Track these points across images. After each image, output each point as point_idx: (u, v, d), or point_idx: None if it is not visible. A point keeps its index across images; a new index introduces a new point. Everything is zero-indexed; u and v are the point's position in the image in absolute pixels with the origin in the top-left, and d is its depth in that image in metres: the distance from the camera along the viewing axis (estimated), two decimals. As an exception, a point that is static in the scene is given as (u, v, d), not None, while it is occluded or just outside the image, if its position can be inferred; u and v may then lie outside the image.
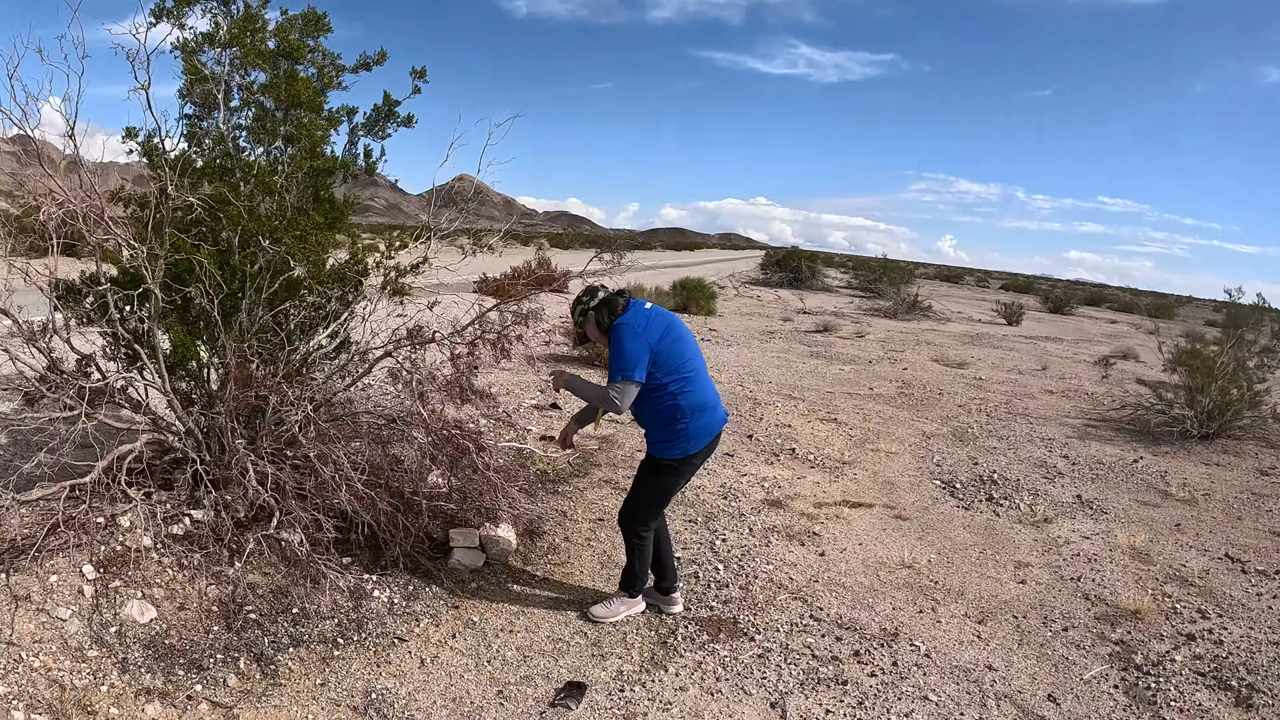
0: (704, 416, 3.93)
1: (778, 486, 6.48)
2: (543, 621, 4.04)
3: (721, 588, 4.60)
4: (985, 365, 14.51)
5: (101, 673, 3.25)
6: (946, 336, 18.90)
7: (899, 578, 5.00)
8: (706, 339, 14.50)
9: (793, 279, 32.49)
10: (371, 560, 4.25)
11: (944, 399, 10.85)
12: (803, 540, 5.45)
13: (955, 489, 6.93)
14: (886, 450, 7.95)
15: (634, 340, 3.75)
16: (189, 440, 4.13)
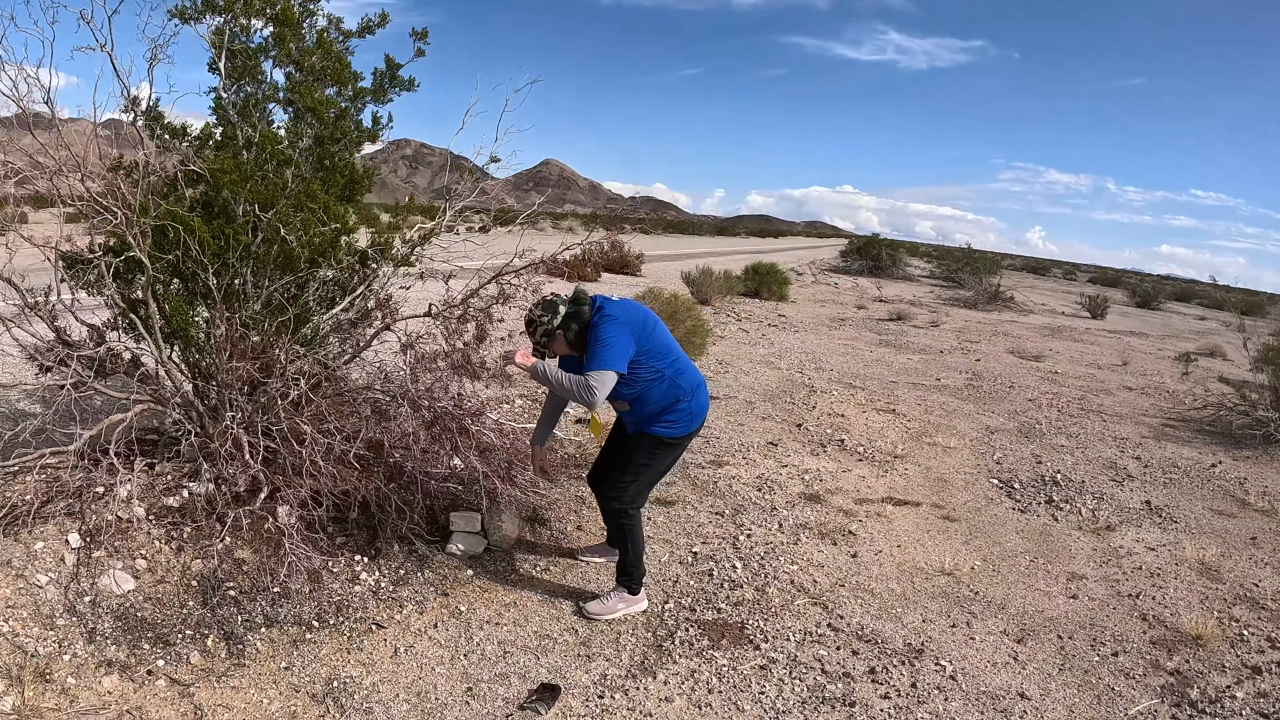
0: (701, 394, 3.83)
1: (819, 480, 6.06)
2: (533, 615, 3.77)
3: (735, 588, 4.24)
4: (1063, 359, 13.66)
5: (67, 641, 3.11)
6: (1026, 328, 17.94)
7: (935, 586, 4.56)
8: (773, 325, 14.00)
9: (873, 267, 31.47)
10: (367, 541, 4.04)
11: (1014, 392, 10.19)
12: (835, 539, 5.04)
13: (1013, 489, 6.39)
14: (944, 445, 7.42)
15: (619, 331, 3.48)
16: (188, 411, 3.98)
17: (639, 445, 3.74)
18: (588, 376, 3.41)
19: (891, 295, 22.65)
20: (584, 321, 3.53)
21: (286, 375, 3.74)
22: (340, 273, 4.45)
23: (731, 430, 7.09)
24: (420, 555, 4.01)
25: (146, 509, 3.83)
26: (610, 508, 3.81)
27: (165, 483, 4.02)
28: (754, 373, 9.66)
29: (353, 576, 3.79)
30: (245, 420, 3.82)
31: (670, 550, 4.60)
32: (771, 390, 8.82)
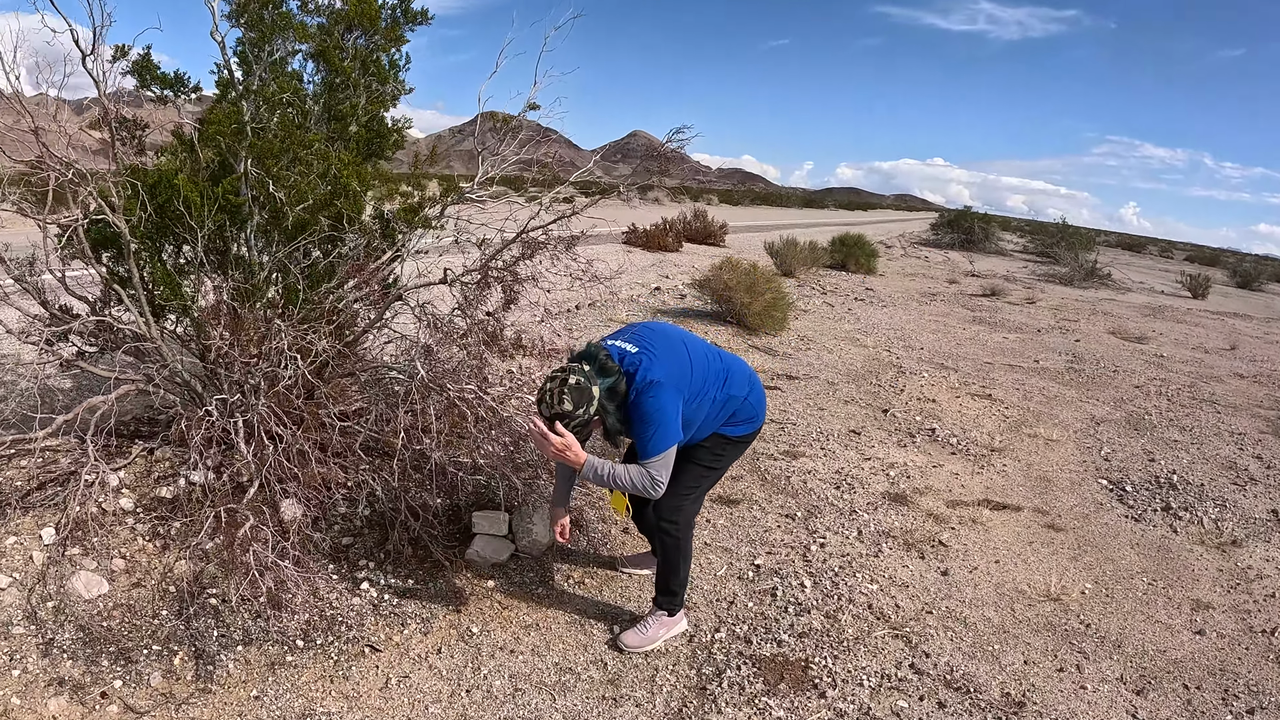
0: (756, 387, 3.14)
1: (906, 476, 5.23)
2: (556, 641, 3.12)
3: (802, 613, 3.50)
4: (1167, 341, 12.25)
5: (19, 655, 2.63)
6: (1125, 307, 16.36)
7: (1040, 615, 3.75)
8: (860, 299, 12.99)
9: (964, 240, 29.68)
10: (376, 543, 3.46)
11: (1119, 378, 9.03)
12: (923, 551, 4.23)
13: (1125, 492, 5.44)
14: (1046, 437, 6.45)
15: (666, 398, 2.75)
16: (184, 392, 3.46)
17: (701, 447, 3.05)
18: (648, 467, 2.74)
19: (984, 270, 21.14)
20: (621, 397, 2.78)
21: (284, 353, 3.15)
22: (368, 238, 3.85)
23: (810, 415, 6.29)
24: (435, 561, 3.41)
25: (136, 500, 3.33)
26: (658, 519, 3.10)
27: (163, 470, 3.52)
28: (838, 350, 8.78)
29: (353, 586, 3.22)
30: (242, 403, 3.26)
31: (729, 562, 3.89)
32: (856, 370, 7.95)
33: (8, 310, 3.31)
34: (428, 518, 3.36)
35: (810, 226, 29.52)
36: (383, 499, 3.39)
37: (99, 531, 3.12)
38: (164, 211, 3.35)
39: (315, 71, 3.61)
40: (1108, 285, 21.17)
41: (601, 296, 9.32)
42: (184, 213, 3.25)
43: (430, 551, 3.41)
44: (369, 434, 3.54)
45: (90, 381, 4.38)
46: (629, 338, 2.89)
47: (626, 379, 2.75)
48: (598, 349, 2.79)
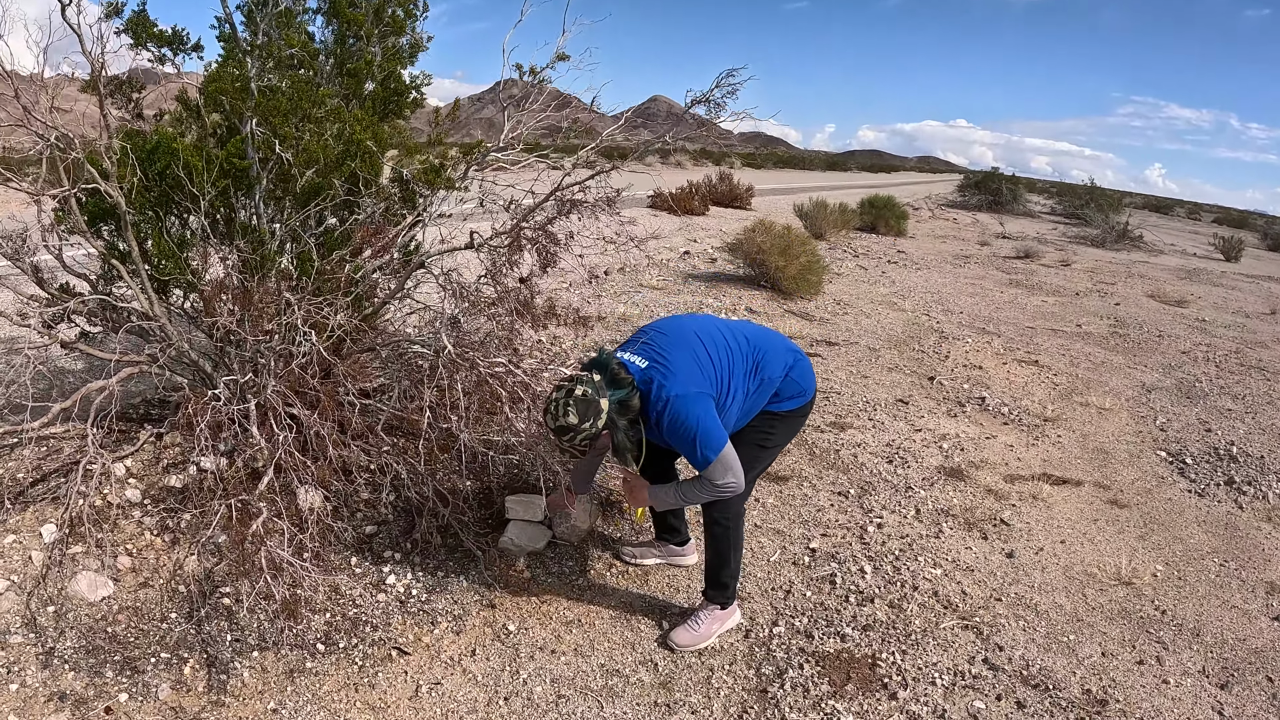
0: (800, 361, 2.82)
1: (960, 449, 4.86)
2: (601, 640, 2.81)
3: (864, 602, 3.17)
4: (1207, 305, 11.73)
5: (18, 666, 2.36)
6: (1160, 270, 15.75)
7: (1113, 601, 3.42)
8: (893, 261, 12.50)
9: (992, 202, 28.85)
10: (403, 532, 3.16)
11: (1164, 343, 8.60)
12: (985, 531, 3.88)
13: (1185, 465, 5.08)
14: (1098, 405, 6.06)
15: (697, 407, 2.48)
16: (191, 371, 3.16)
17: (749, 428, 2.72)
18: (709, 476, 2.51)
19: (1014, 232, 20.47)
20: (634, 413, 2.53)
21: (297, 328, 2.83)
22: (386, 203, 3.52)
23: (854, 383, 5.91)
24: (466, 551, 3.10)
25: (144, 490, 3.05)
26: (712, 516, 2.77)
27: (172, 456, 3.23)
28: (876, 315, 8.36)
29: (378, 580, 2.92)
30: (254, 384, 2.96)
31: (782, 545, 3.55)
32: (897, 336, 7.54)
33: (4, 292, 3.03)
34: (457, 503, 3.06)
35: (835, 189, 28.81)
36: (408, 484, 3.09)
37: (103, 527, 2.84)
38: (163, 179, 3.04)
39: (325, 25, 3.25)
40: (1139, 247, 20.47)
41: (632, 261, 8.96)
42: (185, 179, 2.94)
43: (460, 540, 3.11)
44: (392, 413, 3.24)
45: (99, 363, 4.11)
46: (639, 349, 2.61)
47: (641, 396, 2.52)
48: (610, 358, 2.53)
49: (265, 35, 3.10)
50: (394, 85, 3.68)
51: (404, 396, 3.17)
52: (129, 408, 3.63)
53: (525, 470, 3.44)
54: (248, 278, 3.07)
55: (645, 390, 2.51)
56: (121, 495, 2.98)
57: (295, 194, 3.15)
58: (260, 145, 2.93)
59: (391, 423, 3.33)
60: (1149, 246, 21.00)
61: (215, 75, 2.97)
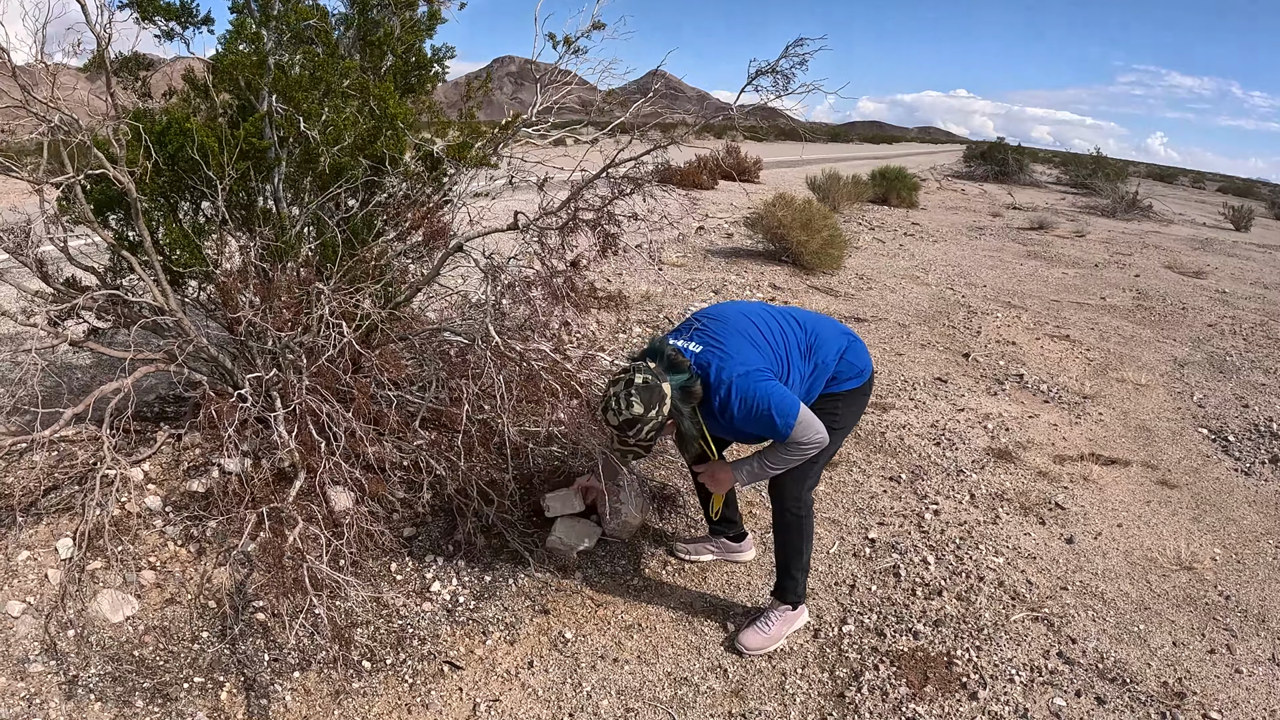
0: (855, 344, 2.61)
1: (1004, 429, 4.66)
2: (665, 645, 2.61)
3: (932, 596, 2.98)
4: (1225, 276, 11.53)
5: (39, 698, 2.16)
6: (1173, 240, 15.53)
7: (1175, 587, 3.27)
8: (909, 234, 12.25)
9: (998, 172, 28.50)
10: (444, 533, 2.96)
11: (1189, 315, 8.40)
12: (1042, 516, 3.70)
13: (1228, 443, 4.91)
14: (1134, 381, 5.86)
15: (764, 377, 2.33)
16: (210, 367, 2.95)
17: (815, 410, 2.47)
18: (796, 436, 2.32)
19: (1023, 202, 20.20)
20: (697, 399, 2.36)
21: (325, 320, 2.62)
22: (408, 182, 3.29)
23: (889, 361, 5.70)
24: (513, 553, 2.90)
25: (164, 497, 2.85)
26: (786, 507, 2.58)
27: (193, 459, 3.03)
28: (900, 289, 8.13)
29: (421, 588, 2.71)
30: (279, 380, 2.75)
31: (839, 535, 3.36)
32: (925, 311, 7.32)
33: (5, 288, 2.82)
34: (502, 502, 2.86)
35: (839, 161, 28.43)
36: (447, 481, 2.88)
37: (123, 539, 2.64)
38: (176, 162, 2.81)
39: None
40: (1149, 217, 20.19)
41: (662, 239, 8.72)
42: (199, 162, 2.71)
43: (506, 540, 2.91)
44: (429, 406, 3.04)
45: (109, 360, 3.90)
46: (692, 336, 2.44)
47: (701, 383, 2.35)
48: (663, 344, 2.36)
49: (281, 4, 2.86)
50: (415, 59, 3.45)
51: (441, 388, 2.97)
52: (143, 406, 3.42)
53: (567, 462, 3.24)
54: (270, 266, 2.86)
55: (704, 375, 2.33)
56: (141, 503, 2.78)
57: (320, 175, 2.92)
58: (281, 123, 2.71)
59: (427, 416, 3.13)
60: (1159, 216, 20.73)
61: (230, 49, 2.74)
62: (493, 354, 2.64)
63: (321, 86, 2.70)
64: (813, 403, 2.50)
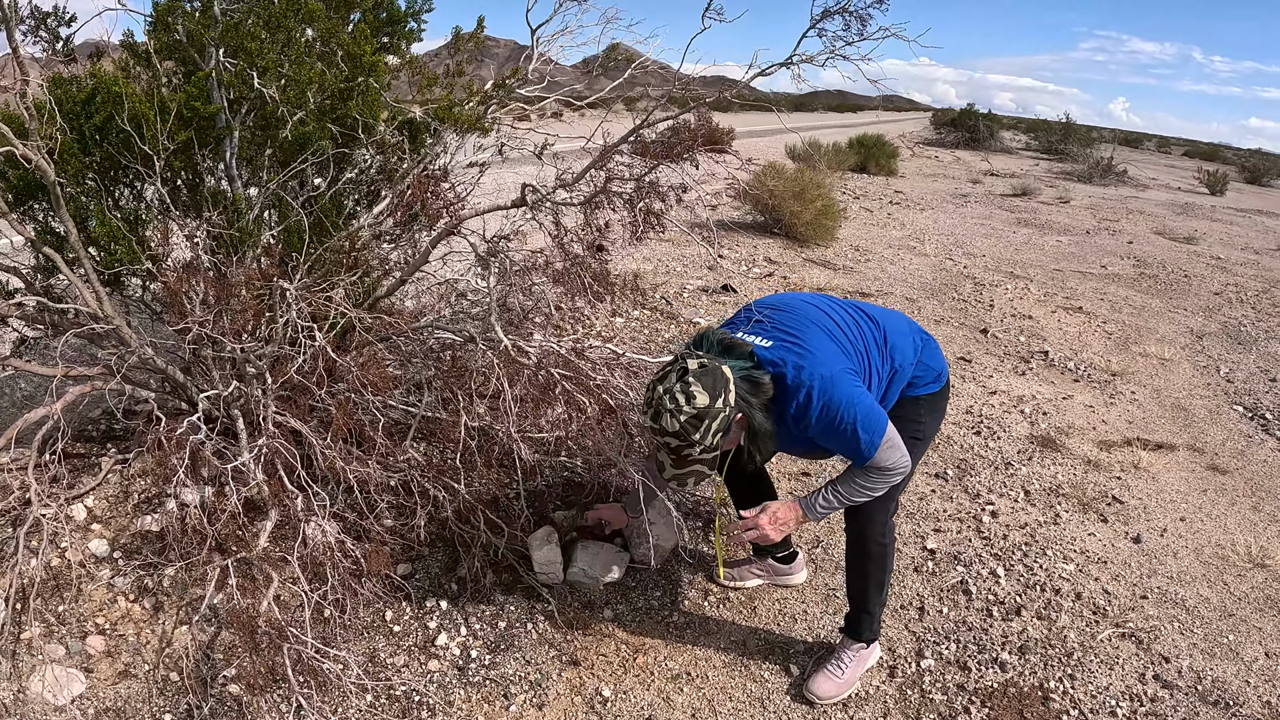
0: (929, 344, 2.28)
1: (1042, 413, 4.35)
2: (722, 698, 2.23)
3: (1009, 616, 2.65)
4: (1214, 241, 11.51)
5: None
6: (1154, 205, 15.54)
7: (1254, 588, 3.01)
8: (895, 202, 11.94)
9: (969, 139, 28.39)
10: (445, 567, 2.54)
11: (1193, 284, 8.29)
12: (1103, 513, 3.40)
13: (1266, 421, 4.72)
14: (1158, 355, 5.63)
15: (849, 380, 1.93)
16: (158, 380, 2.50)
17: (897, 418, 2.08)
18: (879, 458, 1.93)
19: (1000, 169, 20.05)
20: (766, 396, 1.92)
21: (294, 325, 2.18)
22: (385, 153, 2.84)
23: (905, 341, 5.37)
24: (528, 589, 2.49)
25: (112, 539, 2.40)
26: (858, 529, 2.19)
27: (143, 489, 2.58)
28: (899, 261, 7.80)
29: (425, 640, 2.30)
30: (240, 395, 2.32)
31: (896, 547, 3.00)
32: (929, 283, 6.99)
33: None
34: (513, 532, 2.45)
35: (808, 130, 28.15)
36: (445, 505, 2.47)
37: (65, 596, 2.20)
38: (105, 136, 2.34)
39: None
40: (1125, 183, 20.20)
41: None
42: (132, 135, 2.25)
43: (518, 574, 2.50)
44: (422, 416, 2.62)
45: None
46: (754, 329, 2.03)
47: (767, 372, 1.92)
48: (711, 331, 1.96)
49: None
50: (387, 13, 2.99)
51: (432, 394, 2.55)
52: (86, 423, 2.95)
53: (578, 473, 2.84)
54: (223, 259, 2.40)
55: (778, 374, 1.91)
56: (84, 548, 2.33)
57: (280, 147, 2.47)
58: (232, 82, 2.24)
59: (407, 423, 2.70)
60: (1134, 181, 20.74)
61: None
62: (501, 360, 2.21)
63: (280, 35, 2.25)
64: (890, 409, 2.13)
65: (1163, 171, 29.26)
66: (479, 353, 2.40)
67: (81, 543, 2.35)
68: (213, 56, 2.40)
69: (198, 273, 2.26)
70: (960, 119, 29.82)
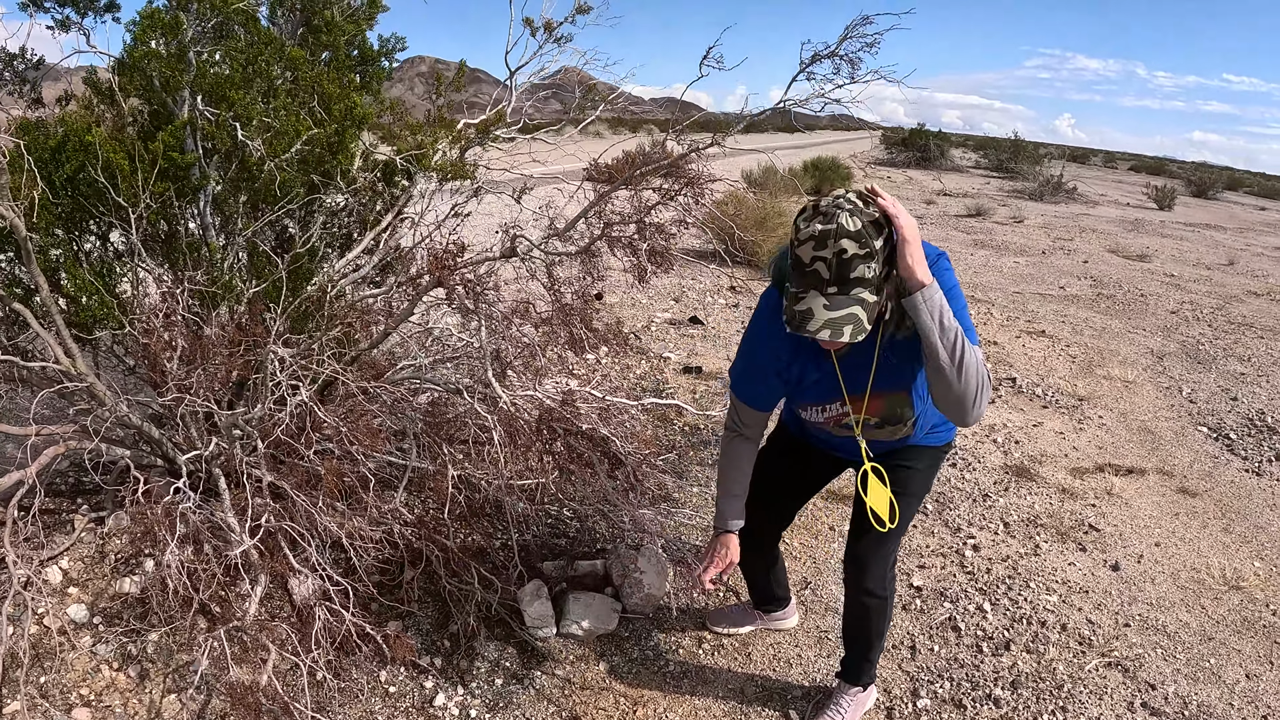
0: None
1: (1014, 441, 4.47)
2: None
3: (999, 651, 2.71)
4: (1167, 258, 11.95)
5: None
6: (1106, 223, 16.08)
7: (1230, 609, 3.14)
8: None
9: (920, 159, 29.06)
10: (437, 623, 2.53)
11: (1149, 302, 8.58)
12: (1080, 541, 3.51)
13: (1230, 440, 4.91)
14: (1121, 378, 5.83)
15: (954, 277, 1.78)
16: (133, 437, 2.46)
17: (916, 471, 2.12)
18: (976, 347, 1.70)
19: (952, 188, 20.56)
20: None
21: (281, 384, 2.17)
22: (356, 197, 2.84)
23: (872, 370, 5.47)
24: (521, 643, 2.48)
25: (91, 603, 2.34)
26: (859, 577, 2.18)
27: (120, 549, 2.52)
28: (861, 288, 7.94)
29: (423, 702, 2.27)
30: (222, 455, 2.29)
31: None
32: (892, 310, 7.15)
33: None
34: (506, 588, 2.45)
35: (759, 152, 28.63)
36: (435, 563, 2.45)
37: (47, 667, 2.13)
38: (76, 186, 2.31)
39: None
40: (1075, 200, 20.85)
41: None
42: (106, 187, 2.22)
43: (511, 629, 2.50)
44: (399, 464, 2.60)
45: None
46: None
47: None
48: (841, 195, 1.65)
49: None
50: (359, 52, 3.00)
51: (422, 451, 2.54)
52: (54, 475, 2.87)
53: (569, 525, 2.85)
54: (202, 313, 2.37)
55: None
56: (63, 614, 2.27)
57: (256, 191, 2.45)
58: (212, 133, 2.23)
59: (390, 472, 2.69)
60: (1084, 198, 21.41)
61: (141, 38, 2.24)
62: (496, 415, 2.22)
63: (258, 83, 2.24)
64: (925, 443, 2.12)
65: (1111, 187, 30.24)
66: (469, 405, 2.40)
67: (59, 608, 2.28)
68: (186, 102, 2.38)
69: (174, 331, 2.23)
70: (911, 139, 30.51)
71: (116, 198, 2.21)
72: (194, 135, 2.37)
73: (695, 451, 3.94)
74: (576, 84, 3.70)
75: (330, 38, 2.59)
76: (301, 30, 2.59)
